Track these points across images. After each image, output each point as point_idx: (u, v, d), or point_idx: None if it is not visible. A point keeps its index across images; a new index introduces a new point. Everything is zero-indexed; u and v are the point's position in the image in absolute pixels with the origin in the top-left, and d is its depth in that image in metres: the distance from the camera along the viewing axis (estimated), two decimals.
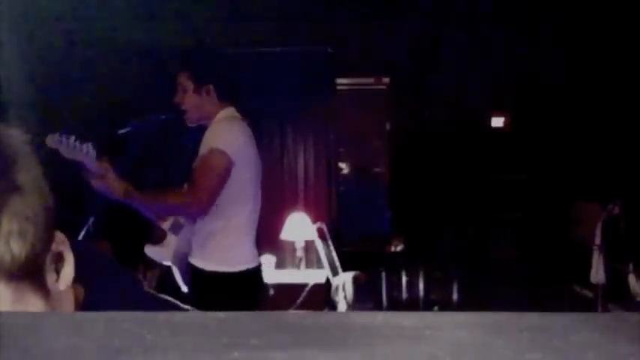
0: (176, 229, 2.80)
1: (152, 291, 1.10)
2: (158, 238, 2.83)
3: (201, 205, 2.61)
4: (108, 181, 2.51)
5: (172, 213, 2.78)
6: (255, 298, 2.75)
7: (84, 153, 2.56)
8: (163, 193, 2.73)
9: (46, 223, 0.78)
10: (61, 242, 0.82)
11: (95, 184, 2.52)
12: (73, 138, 2.56)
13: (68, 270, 0.82)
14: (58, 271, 0.82)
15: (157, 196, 2.70)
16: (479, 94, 5.87)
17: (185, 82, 2.73)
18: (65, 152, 2.57)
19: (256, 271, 2.76)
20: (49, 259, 0.80)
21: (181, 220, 2.80)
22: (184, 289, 2.79)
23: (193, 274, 2.69)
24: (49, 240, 0.80)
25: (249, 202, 2.71)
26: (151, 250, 2.81)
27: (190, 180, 2.67)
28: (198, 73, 2.73)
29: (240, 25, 5.43)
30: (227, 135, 2.66)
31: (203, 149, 2.65)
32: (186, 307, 1.11)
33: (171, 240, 2.79)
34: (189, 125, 2.81)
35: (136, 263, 4.34)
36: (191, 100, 2.73)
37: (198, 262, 2.67)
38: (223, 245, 2.66)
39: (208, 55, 2.94)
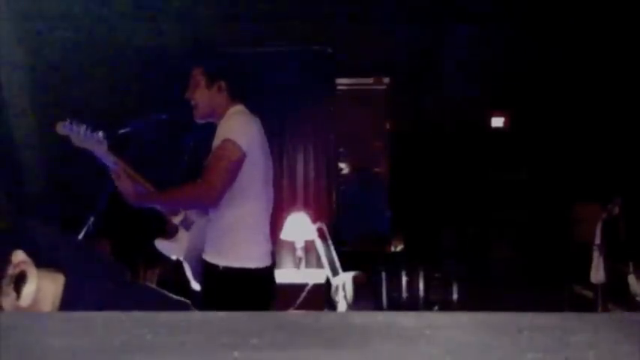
0: (187, 224, 2.80)
1: (136, 280, 1.10)
2: (169, 233, 2.83)
3: (214, 194, 2.61)
4: (122, 182, 2.55)
5: (187, 206, 2.78)
6: (268, 296, 2.76)
7: (95, 142, 2.57)
8: (175, 189, 2.74)
9: None
10: (20, 262, 0.81)
11: (115, 182, 2.57)
12: (84, 126, 2.57)
13: (30, 288, 0.82)
14: (19, 290, 0.82)
15: (169, 193, 2.71)
16: (479, 94, 5.87)
17: (198, 76, 2.75)
18: (76, 140, 2.58)
19: (270, 269, 2.76)
20: (5, 283, 0.80)
21: (192, 215, 2.80)
22: (194, 284, 2.79)
23: (206, 270, 2.69)
24: (2, 265, 0.79)
25: (262, 195, 2.72)
26: (162, 245, 2.80)
27: (203, 171, 2.68)
28: (211, 68, 2.75)
29: (240, 25, 5.43)
30: (239, 127, 2.68)
31: (216, 141, 2.66)
32: (175, 297, 1.11)
33: (183, 235, 2.79)
34: (197, 121, 2.81)
35: (136, 262, 4.34)
36: (202, 95, 2.75)
37: (213, 258, 2.67)
38: (238, 241, 2.66)
39: (222, 53, 2.96)
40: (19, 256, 0.84)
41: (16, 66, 4.96)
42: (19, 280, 0.84)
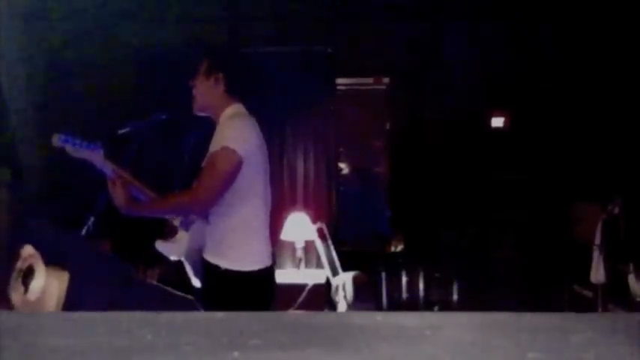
0: (186, 224, 2.80)
1: (141, 278, 1.11)
2: (169, 234, 2.83)
3: (203, 203, 2.62)
4: (115, 190, 2.54)
5: (178, 213, 2.78)
6: (268, 297, 2.76)
7: (91, 151, 2.57)
8: (164, 197, 2.74)
9: (1, 247, 0.79)
10: (29, 257, 0.83)
11: (109, 188, 2.57)
12: (79, 137, 2.57)
13: (38, 282, 0.83)
14: (27, 284, 0.83)
15: (159, 201, 2.71)
16: (479, 94, 5.87)
17: (201, 66, 2.76)
18: (72, 152, 2.57)
19: (270, 270, 2.76)
20: (14, 276, 0.81)
21: (192, 215, 2.80)
22: (195, 281, 2.79)
23: (207, 269, 2.69)
24: (11, 260, 0.80)
25: (261, 198, 2.73)
26: (162, 246, 2.80)
27: (197, 177, 2.67)
28: (212, 58, 2.76)
29: (240, 25, 5.43)
30: (238, 134, 2.67)
31: (213, 147, 2.66)
32: (180, 294, 1.11)
33: (183, 236, 2.79)
34: (195, 113, 2.81)
35: (136, 262, 4.34)
36: (200, 85, 2.75)
37: (213, 258, 2.67)
38: (238, 243, 2.66)
39: (228, 48, 2.95)
40: (27, 250, 0.85)
41: (16, 66, 4.96)
42: (28, 274, 0.85)
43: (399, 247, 5.93)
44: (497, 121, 6.29)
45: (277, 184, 5.21)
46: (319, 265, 4.91)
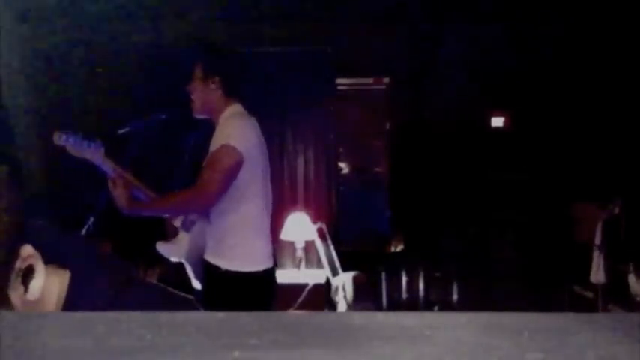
0: (187, 225, 2.80)
1: (142, 278, 1.11)
2: (169, 235, 2.83)
3: (206, 200, 2.62)
4: (117, 190, 2.54)
5: (181, 212, 2.78)
6: (269, 298, 2.76)
7: (91, 151, 2.57)
8: (166, 196, 2.74)
9: (2, 245, 0.78)
10: (28, 256, 0.83)
11: (110, 188, 2.57)
12: (80, 137, 2.57)
13: (37, 282, 0.83)
14: (26, 284, 0.83)
15: (162, 200, 2.71)
16: (479, 94, 5.87)
17: (197, 71, 2.76)
18: (72, 150, 2.58)
19: (270, 271, 2.76)
20: (14, 276, 0.81)
21: (193, 216, 2.80)
22: (195, 283, 2.79)
23: (208, 270, 2.69)
24: (11, 260, 0.80)
25: (261, 197, 2.73)
26: (162, 247, 2.80)
27: (199, 175, 2.68)
28: (207, 63, 2.76)
29: (240, 25, 5.43)
30: (238, 132, 2.68)
31: (214, 146, 2.66)
32: (180, 293, 1.12)
33: (184, 237, 2.79)
34: (195, 116, 2.82)
35: (137, 261, 4.34)
36: (197, 89, 2.76)
37: (214, 259, 2.67)
38: (239, 244, 2.66)
39: (221, 49, 2.96)
40: (27, 249, 0.85)
41: (16, 67, 4.96)
42: (27, 273, 0.85)
43: (399, 247, 5.92)
44: (497, 121, 6.29)
45: (277, 184, 5.21)
46: (319, 265, 4.91)
